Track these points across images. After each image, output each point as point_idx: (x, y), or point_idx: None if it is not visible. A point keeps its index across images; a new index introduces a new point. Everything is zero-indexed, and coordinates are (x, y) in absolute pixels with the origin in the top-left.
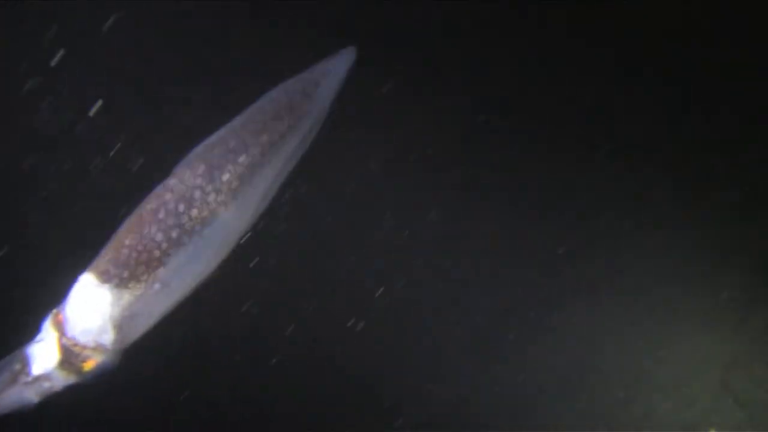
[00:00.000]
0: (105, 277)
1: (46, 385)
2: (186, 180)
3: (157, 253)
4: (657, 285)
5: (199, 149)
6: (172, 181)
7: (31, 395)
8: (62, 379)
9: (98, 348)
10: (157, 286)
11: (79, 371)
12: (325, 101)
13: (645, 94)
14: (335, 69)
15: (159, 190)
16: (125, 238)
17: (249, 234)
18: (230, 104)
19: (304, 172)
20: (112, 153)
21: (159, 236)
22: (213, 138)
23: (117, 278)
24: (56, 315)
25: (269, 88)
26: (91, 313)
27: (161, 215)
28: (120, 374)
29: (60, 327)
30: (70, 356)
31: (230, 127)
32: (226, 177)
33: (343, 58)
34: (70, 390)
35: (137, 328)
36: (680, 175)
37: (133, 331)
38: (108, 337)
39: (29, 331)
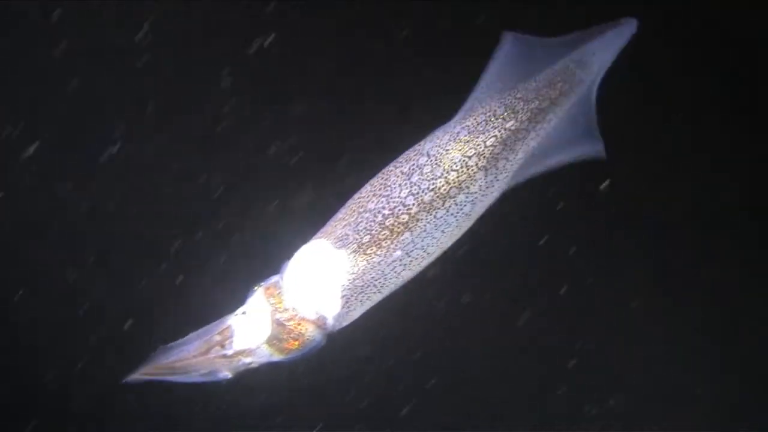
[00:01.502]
0: (342, 243)
1: (246, 360)
2: (444, 144)
3: (404, 217)
4: None
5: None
6: (427, 145)
7: (226, 370)
8: (266, 357)
9: (317, 321)
10: (398, 253)
11: (285, 350)
12: (599, 72)
13: None
14: (614, 40)
15: (411, 153)
16: (368, 202)
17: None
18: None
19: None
20: None
21: (409, 200)
22: (472, 102)
23: (356, 243)
24: (270, 287)
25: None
26: (320, 280)
27: (415, 178)
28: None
29: (275, 299)
30: (281, 332)
31: (492, 91)
32: (490, 142)
33: (623, 29)
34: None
35: (363, 303)
36: None
37: (358, 306)
38: (332, 310)
39: (228, 303)
